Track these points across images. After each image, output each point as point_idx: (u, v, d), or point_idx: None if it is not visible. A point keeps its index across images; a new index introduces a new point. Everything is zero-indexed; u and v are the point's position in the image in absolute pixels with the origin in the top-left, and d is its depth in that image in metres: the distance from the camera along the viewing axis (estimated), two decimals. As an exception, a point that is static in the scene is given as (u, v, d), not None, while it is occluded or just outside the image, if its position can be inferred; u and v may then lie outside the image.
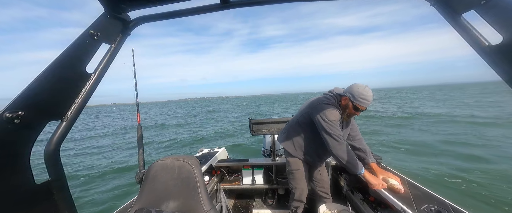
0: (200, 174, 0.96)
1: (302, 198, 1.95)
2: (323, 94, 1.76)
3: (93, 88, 0.78)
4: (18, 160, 0.59)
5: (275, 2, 0.85)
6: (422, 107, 18.61)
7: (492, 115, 11.78)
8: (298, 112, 1.86)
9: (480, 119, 10.94)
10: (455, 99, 24.63)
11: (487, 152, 5.91)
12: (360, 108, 1.52)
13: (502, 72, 0.52)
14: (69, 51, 0.69)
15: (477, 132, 8.16)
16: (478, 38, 0.56)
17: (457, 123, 10.36)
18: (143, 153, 1.59)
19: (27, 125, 0.60)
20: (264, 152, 3.54)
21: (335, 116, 1.53)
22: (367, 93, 1.48)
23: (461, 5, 0.59)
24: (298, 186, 1.90)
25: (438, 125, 10.15)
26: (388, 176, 1.63)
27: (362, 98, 1.48)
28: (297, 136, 1.82)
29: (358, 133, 1.84)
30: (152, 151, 9.00)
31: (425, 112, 14.88)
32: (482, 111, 13.74)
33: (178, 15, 0.87)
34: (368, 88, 1.50)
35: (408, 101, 26.20)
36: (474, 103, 18.94)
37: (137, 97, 1.70)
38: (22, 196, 0.59)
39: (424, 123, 11.08)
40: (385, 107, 20.45)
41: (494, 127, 9.00)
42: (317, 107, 1.61)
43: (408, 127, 10.40)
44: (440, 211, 1.26)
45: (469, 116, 12.07)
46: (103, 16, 0.79)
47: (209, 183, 2.47)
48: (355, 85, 1.54)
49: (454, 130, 8.83)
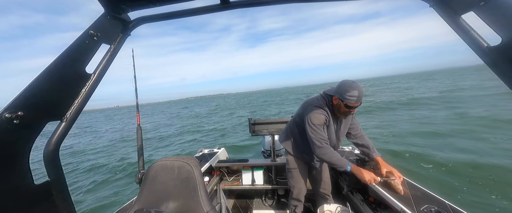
0: (199, 175, 0.96)
1: (300, 197, 1.96)
2: (319, 94, 1.76)
3: (93, 88, 0.78)
4: (18, 160, 0.59)
5: (276, 3, 0.86)
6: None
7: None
8: (296, 112, 1.88)
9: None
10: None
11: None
12: (351, 105, 1.49)
13: (500, 73, 0.52)
14: (69, 51, 0.69)
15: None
16: (477, 39, 0.56)
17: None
18: (142, 153, 1.59)
19: (27, 125, 0.60)
20: (263, 153, 3.54)
21: (319, 119, 1.55)
22: (353, 89, 1.44)
23: (460, 6, 0.59)
24: (296, 184, 1.92)
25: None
26: (392, 172, 1.60)
27: (349, 96, 1.45)
28: (295, 135, 1.85)
29: (359, 130, 1.83)
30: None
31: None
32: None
33: (178, 15, 0.87)
34: (356, 84, 1.46)
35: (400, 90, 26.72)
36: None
37: (137, 98, 1.70)
38: (21, 196, 0.59)
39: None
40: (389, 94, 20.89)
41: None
42: (307, 109, 1.64)
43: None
44: (439, 212, 1.26)
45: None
46: (103, 17, 0.79)
47: (209, 184, 2.47)
48: (342, 83, 1.51)
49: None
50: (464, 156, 4.94)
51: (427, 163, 4.80)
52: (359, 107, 1.57)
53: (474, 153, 5.03)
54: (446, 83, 27.06)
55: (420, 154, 5.30)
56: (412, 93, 20.24)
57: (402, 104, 13.99)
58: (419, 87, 26.70)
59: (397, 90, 26.98)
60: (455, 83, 24.99)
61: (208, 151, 3.01)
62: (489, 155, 4.83)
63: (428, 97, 15.66)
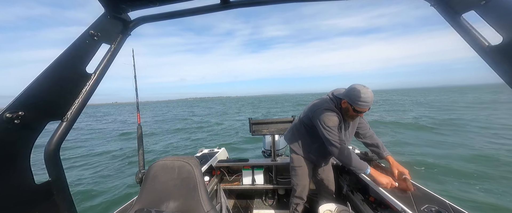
0: (200, 174, 0.96)
1: (303, 196, 1.97)
2: (326, 95, 1.74)
3: (93, 88, 0.78)
4: (18, 160, 0.59)
5: (276, 3, 0.85)
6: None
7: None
8: (303, 112, 1.89)
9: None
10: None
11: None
12: (361, 110, 1.48)
13: (502, 72, 0.52)
14: (69, 51, 0.69)
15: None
16: (478, 39, 0.56)
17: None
18: (143, 153, 1.59)
19: (27, 125, 0.60)
20: (264, 152, 3.53)
21: (333, 121, 1.53)
22: (365, 95, 1.42)
23: (461, 6, 0.59)
24: (299, 182, 1.93)
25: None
26: (404, 172, 1.58)
27: (360, 101, 1.43)
28: (301, 135, 1.87)
29: (367, 129, 1.81)
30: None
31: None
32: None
33: (178, 15, 0.87)
34: (366, 89, 1.44)
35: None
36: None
37: (137, 97, 1.70)
38: (22, 196, 0.59)
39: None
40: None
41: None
42: (317, 112, 1.62)
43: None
44: (440, 211, 1.26)
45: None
46: (103, 17, 0.79)
47: (209, 183, 2.47)
48: (353, 87, 1.49)
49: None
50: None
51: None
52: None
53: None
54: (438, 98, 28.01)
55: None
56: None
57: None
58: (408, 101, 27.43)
59: (388, 103, 27.99)
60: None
61: (208, 150, 3.01)
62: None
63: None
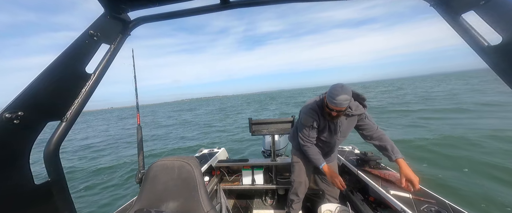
0: (200, 174, 0.96)
1: (299, 192, 1.98)
2: (321, 94, 1.76)
3: (93, 88, 0.77)
4: (18, 160, 0.59)
5: (275, 3, 0.86)
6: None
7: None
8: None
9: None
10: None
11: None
12: (332, 108, 1.46)
13: (501, 72, 0.52)
14: (69, 51, 0.69)
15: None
16: (478, 39, 0.56)
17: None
18: (143, 153, 1.59)
19: (27, 125, 0.60)
20: (264, 152, 3.53)
21: (306, 120, 1.70)
22: (336, 92, 1.40)
23: (460, 6, 0.59)
24: (296, 178, 1.97)
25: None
26: (413, 181, 1.45)
27: (333, 100, 1.41)
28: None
29: (374, 131, 1.68)
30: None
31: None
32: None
33: (178, 15, 0.87)
34: (342, 89, 1.40)
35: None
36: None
37: (137, 98, 1.70)
38: (21, 196, 0.59)
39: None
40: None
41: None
42: (302, 109, 1.77)
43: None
44: (440, 211, 1.26)
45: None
46: (103, 17, 0.79)
47: (209, 183, 2.47)
48: (333, 85, 1.48)
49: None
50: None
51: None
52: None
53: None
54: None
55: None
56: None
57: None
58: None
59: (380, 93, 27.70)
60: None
61: (208, 151, 3.01)
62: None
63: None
